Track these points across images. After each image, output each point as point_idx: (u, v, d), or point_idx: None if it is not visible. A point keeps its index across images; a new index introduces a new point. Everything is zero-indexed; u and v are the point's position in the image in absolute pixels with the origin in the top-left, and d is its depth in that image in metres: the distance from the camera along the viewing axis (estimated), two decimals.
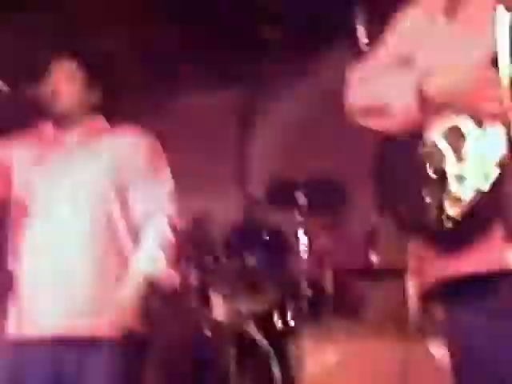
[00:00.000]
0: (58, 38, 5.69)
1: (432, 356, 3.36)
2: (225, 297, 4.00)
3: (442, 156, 1.68)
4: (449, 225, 1.64)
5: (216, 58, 5.96)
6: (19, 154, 2.70)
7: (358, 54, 3.98)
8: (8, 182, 2.68)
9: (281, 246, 4.27)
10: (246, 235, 4.34)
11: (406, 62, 1.84)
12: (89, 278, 2.49)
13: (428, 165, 1.70)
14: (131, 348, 2.51)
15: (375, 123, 1.85)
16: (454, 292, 1.71)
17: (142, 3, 5.67)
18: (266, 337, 3.78)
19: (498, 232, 1.60)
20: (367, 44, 4.33)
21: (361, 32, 4.44)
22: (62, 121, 2.69)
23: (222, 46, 5.92)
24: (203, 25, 5.77)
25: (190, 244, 4.06)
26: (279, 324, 4.03)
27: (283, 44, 5.84)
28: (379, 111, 1.81)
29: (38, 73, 2.77)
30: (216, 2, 5.57)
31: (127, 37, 5.94)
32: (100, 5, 5.76)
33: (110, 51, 5.63)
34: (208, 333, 3.82)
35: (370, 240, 4.02)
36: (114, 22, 5.90)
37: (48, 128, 2.73)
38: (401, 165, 1.77)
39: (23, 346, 2.50)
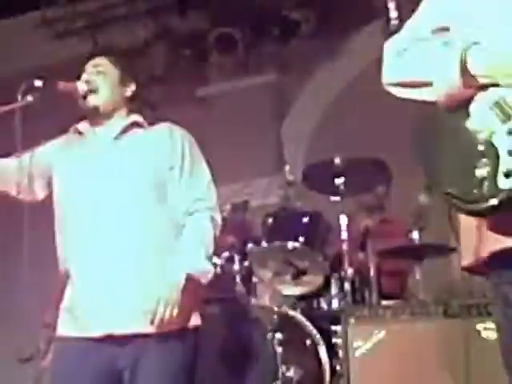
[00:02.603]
0: (93, 34, 5.75)
1: (480, 335, 3.34)
2: (268, 281, 4.01)
3: (490, 129, 1.65)
4: (502, 198, 1.61)
5: (246, 43, 5.94)
6: (58, 153, 2.72)
7: (389, 32, 3.93)
8: (48, 183, 2.70)
9: (322, 228, 4.24)
10: (286, 219, 4.32)
11: (443, 32, 1.79)
12: (134, 275, 2.52)
13: (476, 138, 1.66)
14: (181, 341, 2.54)
15: (414, 95, 1.81)
16: (505, 267, 1.69)
17: None
18: (312, 320, 3.77)
19: None
20: (399, 20, 4.27)
21: (392, 8, 4.38)
22: (98, 118, 2.70)
23: (251, 29, 5.91)
24: (231, 8, 5.76)
25: (230, 230, 4.06)
26: (324, 307, 4.03)
27: (313, 25, 5.80)
28: (420, 85, 1.77)
29: (72, 69, 2.78)
30: None
31: (154, 27, 5.97)
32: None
33: (139, 43, 5.69)
34: (254, 318, 3.83)
35: (416, 218, 3.97)
36: (141, 12, 5.93)
37: (85, 125, 2.75)
38: (446, 139, 1.73)
39: (75, 345, 2.53)
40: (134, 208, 2.57)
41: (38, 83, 2.56)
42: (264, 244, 3.97)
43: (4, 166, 2.65)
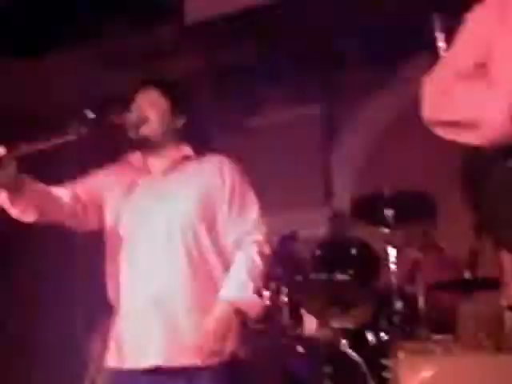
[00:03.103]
0: (143, 66, 5.83)
1: None
2: (316, 313, 3.98)
3: None
4: None
5: (295, 73, 5.96)
6: (109, 183, 2.76)
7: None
8: (100, 212, 2.73)
9: (370, 260, 4.21)
10: (333, 250, 4.30)
11: (481, 69, 1.76)
12: (183, 308, 2.53)
13: None
14: (229, 373, 2.53)
15: (459, 136, 1.79)
16: None
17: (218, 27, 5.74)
18: (360, 353, 3.73)
19: None
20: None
21: (440, 40, 4.36)
22: (149, 148, 2.74)
23: (300, 60, 5.93)
24: (279, 39, 5.80)
25: (279, 262, 4.05)
26: (372, 339, 3.98)
27: (360, 56, 5.80)
28: (463, 125, 1.75)
29: (123, 100, 2.82)
30: (291, 17, 5.59)
31: (204, 58, 6.03)
32: (177, 31, 5.86)
33: (188, 75, 5.76)
34: (301, 350, 3.80)
35: (469, 260, 3.91)
36: (190, 44, 6.00)
37: (136, 156, 2.78)
38: (496, 180, 1.71)
39: (125, 377, 2.54)
40: (184, 241, 2.58)
41: (91, 115, 2.60)
42: (312, 276, 3.95)
43: (58, 195, 2.69)
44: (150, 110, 2.74)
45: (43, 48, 6.31)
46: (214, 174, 2.70)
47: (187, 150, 2.77)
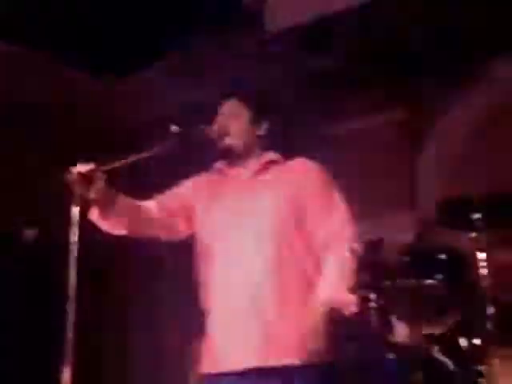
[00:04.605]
0: (223, 77, 5.90)
1: None
2: (406, 319, 3.93)
3: None
4: None
5: (374, 81, 5.93)
6: (198, 192, 2.81)
7: None
8: (190, 221, 2.79)
9: (459, 264, 4.13)
10: (421, 255, 4.24)
11: None
12: (278, 306, 2.55)
13: None
14: (322, 375, 2.54)
15: None
16: None
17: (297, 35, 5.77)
18: (452, 359, 3.66)
19: None
20: None
21: None
22: (234, 157, 2.78)
23: (379, 67, 5.89)
24: (359, 47, 5.78)
25: (366, 268, 4.02)
26: (465, 345, 3.90)
27: (440, 58, 5.71)
28: None
29: (206, 113, 2.87)
30: (367, 23, 5.57)
31: (283, 67, 6.06)
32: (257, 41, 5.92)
33: (268, 84, 5.79)
34: (391, 357, 3.76)
35: None
36: (269, 53, 6.04)
37: (222, 165, 2.82)
38: None
39: (223, 381, 2.57)
40: (274, 241, 2.61)
41: (175, 129, 2.66)
42: (400, 281, 3.91)
43: (147, 208, 2.75)
44: (231, 121, 2.79)
45: (127, 66, 6.48)
46: (301, 175, 2.73)
47: (272, 155, 2.81)
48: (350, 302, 2.58)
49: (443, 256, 3.95)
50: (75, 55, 6.02)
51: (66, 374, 2.37)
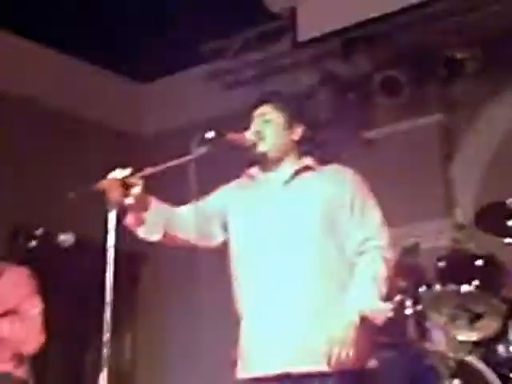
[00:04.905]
0: (258, 83, 5.93)
1: None
2: (443, 326, 3.90)
3: None
4: None
5: (411, 84, 5.90)
6: (232, 198, 2.82)
7: None
8: (224, 227, 2.80)
9: (496, 271, 4.08)
10: (458, 262, 4.20)
11: None
12: (308, 314, 2.54)
13: None
14: (357, 382, 2.53)
15: None
16: None
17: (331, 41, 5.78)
18: (490, 366, 3.62)
19: None
20: None
21: None
22: (268, 163, 2.78)
23: (416, 70, 5.86)
24: (395, 50, 5.76)
25: (402, 274, 4.00)
26: (503, 352, 3.86)
27: (479, 63, 5.67)
28: None
29: (240, 118, 2.88)
30: (403, 28, 5.55)
31: (319, 72, 6.06)
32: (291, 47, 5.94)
33: (304, 89, 5.80)
34: (429, 364, 3.73)
35: None
36: (305, 59, 6.05)
37: (256, 171, 2.83)
38: None
39: None
40: (307, 249, 2.61)
41: (210, 135, 2.66)
42: (437, 288, 3.88)
43: (182, 214, 2.77)
44: (266, 126, 2.79)
45: (157, 72, 6.56)
46: (335, 182, 2.72)
47: (307, 161, 2.80)
48: (382, 311, 2.56)
49: (479, 262, 3.91)
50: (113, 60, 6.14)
51: (103, 376, 2.39)
